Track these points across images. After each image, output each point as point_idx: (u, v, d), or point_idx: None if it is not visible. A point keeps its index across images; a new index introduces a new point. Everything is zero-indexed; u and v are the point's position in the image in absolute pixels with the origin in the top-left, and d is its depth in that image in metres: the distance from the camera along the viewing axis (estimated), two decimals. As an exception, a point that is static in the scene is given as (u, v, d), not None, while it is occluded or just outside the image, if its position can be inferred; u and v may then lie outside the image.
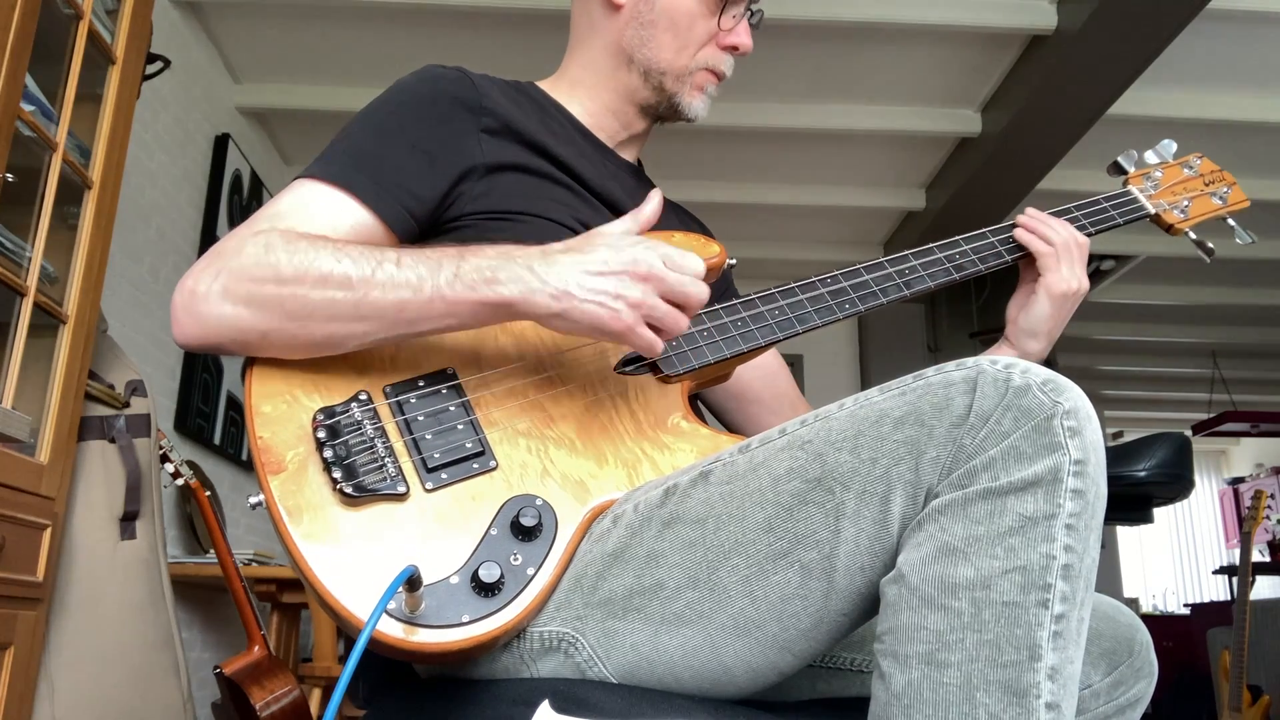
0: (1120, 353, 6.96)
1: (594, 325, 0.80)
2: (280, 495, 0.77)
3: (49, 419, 1.59)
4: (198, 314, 0.82)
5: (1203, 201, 1.23)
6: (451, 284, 0.80)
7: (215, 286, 0.82)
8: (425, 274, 0.81)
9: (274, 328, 0.82)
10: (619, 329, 0.80)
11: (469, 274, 0.80)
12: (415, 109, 0.96)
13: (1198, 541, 9.22)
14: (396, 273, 0.81)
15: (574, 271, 0.80)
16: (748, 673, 0.76)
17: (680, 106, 1.11)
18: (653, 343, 0.81)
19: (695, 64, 1.10)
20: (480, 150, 0.97)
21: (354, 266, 0.81)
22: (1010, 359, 0.69)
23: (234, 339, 0.83)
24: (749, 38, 1.12)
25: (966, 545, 0.65)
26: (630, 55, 1.10)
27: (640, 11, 1.09)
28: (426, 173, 0.94)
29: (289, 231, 0.85)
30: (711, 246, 1.03)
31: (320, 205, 0.89)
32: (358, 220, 0.90)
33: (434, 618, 0.72)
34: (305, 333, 0.82)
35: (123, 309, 2.70)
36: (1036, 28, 3.22)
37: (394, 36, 3.35)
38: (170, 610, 1.82)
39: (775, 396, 1.20)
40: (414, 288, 0.80)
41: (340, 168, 0.92)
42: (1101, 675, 0.90)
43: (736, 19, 1.11)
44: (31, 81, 1.59)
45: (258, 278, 0.81)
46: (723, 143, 3.99)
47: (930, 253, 1.07)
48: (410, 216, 0.93)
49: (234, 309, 0.81)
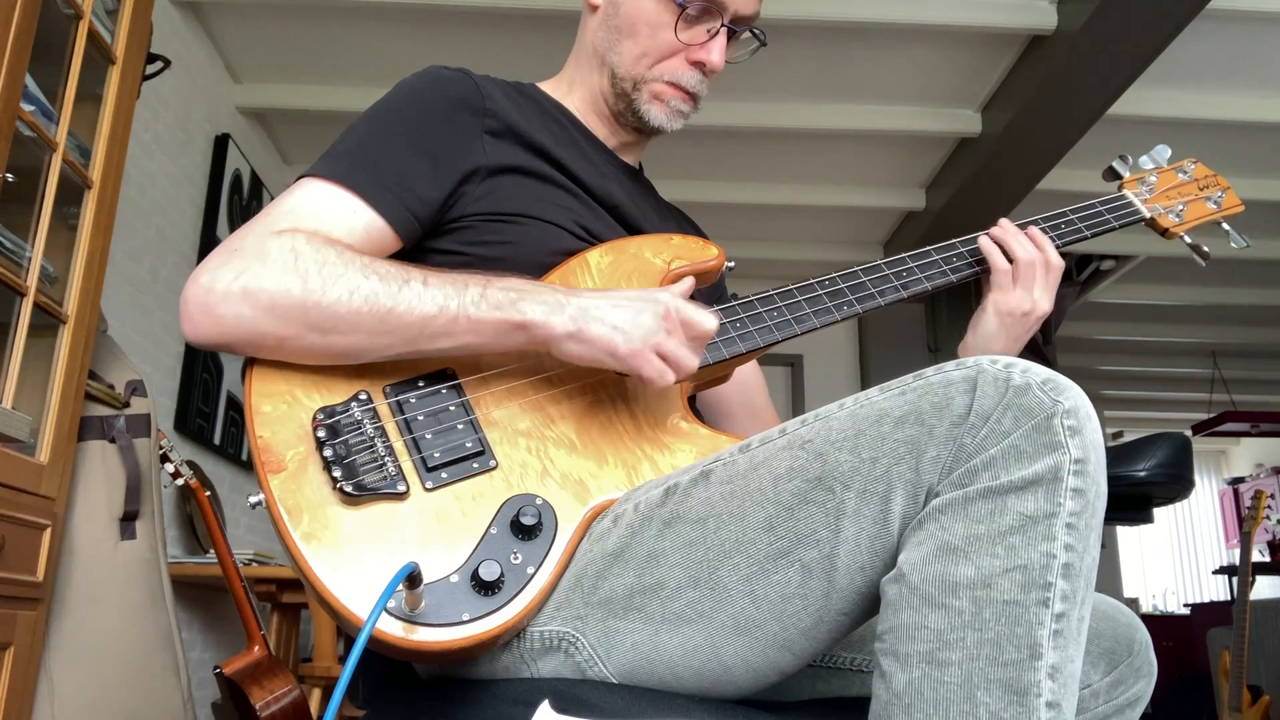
0: (1120, 353, 6.96)
1: (607, 348, 0.82)
2: (280, 494, 0.77)
3: (49, 419, 1.59)
4: (214, 313, 0.81)
5: (1197, 206, 1.24)
6: (477, 304, 0.83)
7: (235, 286, 0.81)
8: (452, 293, 0.83)
9: (293, 335, 0.81)
10: (627, 353, 0.82)
11: (495, 295, 0.83)
12: (419, 111, 0.96)
13: (1198, 541, 9.22)
14: (424, 290, 0.83)
15: (594, 300, 0.84)
16: (748, 672, 0.76)
17: (641, 114, 1.08)
18: (662, 372, 0.83)
19: (654, 74, 1.07)
20: (484, 152, 0.97)
21: (381, 284, 0.82)
22: (1011, 359, 0.69)
23: (250, 341, 0.82)
24: (719, 57, 1.07)
25: (967, 544, 0.65)
26: (601, 57, 1.10)
27: (609, 15, 1.09)
28: (430, 174, 0.94)
29: (315, 235, 0.85)
30: (709, 249, 1.03)
31: (329, 205, 0.89)
32: (368, 222, 0.90)
33: (434, 616, 0.73)
34: (324, 343, 0.82)
35: (123, 309, 2.70)
36: (1036, 28, 3.22)
37: (394, 37, 3.35)
38: (170, 610, 1.82)
39: (750, 414, 1.20)
40: (440, 305, 0.82)
41: (346, 167, 0.91)
42: (1101, 674, 0.90)
43: (712, 33, 1.06)
44: (31, 81, 1.59)
45: (283, 285, 0.81)
46: (723, 143, 3.99)
47: (927, 255, 1.07)
48: (414, 218, 0.93)
49: (253, 312, 0.81)
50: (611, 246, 1.00)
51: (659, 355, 0.83)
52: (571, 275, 0.96)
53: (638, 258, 1.00)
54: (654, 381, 0.84)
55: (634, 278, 0.98)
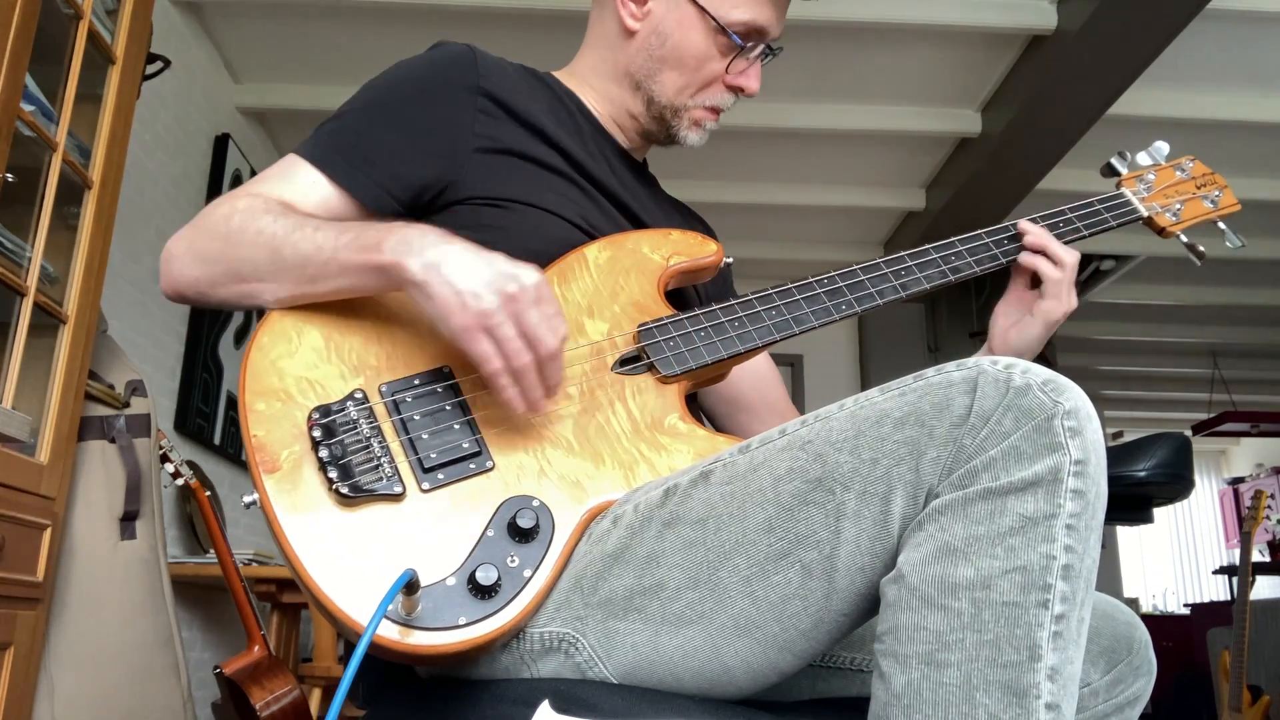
0: (1120, 353, 6.96)
1: (441, 309, 0.79)
2: (275, 494, 0.76)
3: (49, 419, 1.59)
4: (168, 273, 0.91)
5: (1194, 205, 1.23)
6: (349, 246, 0.84)
7: (181, 245, 0.91)
8: (332, 237, 0.85)
9: (220, 279, 0.89)
10: (456, 324, 0.79)
11: (366, 238, 0.84)
12: (406, 87, 0.99)
13: (1198, 541, 9.22)
14: (313, 235, 0.86)
15: (454, 256, 0.80)
16: (748, 673, 0.76)
17: (677, 138, 1.12)
18: (488, 356, 0.79)
19: (696, 101, 1.09)
20: (473, 130, 0.98)
21: (280, 228, 0.87)
22: (1010, 359, 0.69)
23: (197, 292, 0.90)
24: (757, 81, 1.10)
25: (967, 545, 0.65)
26: (637, 82, 1.10)
27: (651, 44, 1.08)
28: (409, 151, 0.96)
29: (260, 195, 0.92)
30: (708, 245, 1.03)
31: (296, 178, 0.95)
32: (325, 195, 0.95)
33: (430, 620, 0.72)
34: (240, 290, 0.89)
35: (123, 309, 2.70)
36: (1036, 28, 3.22)
37: (395, 37, 3.35)
38: (170, 610, 1.82)
39: (765, 405, 1.20)
40: (317, 246, 0.85)
41: (321, 146, 0.97)
42: (1100, 673, 0.90)
43: (750, 62, 1.09)
44: (31, 81, 1.59)
45: (210, 235, 0.89)
46: (723, 143, 3.98)
47: (926, 254, 1.07)
48: (387, 194, 0.96)
49: (189, 265, 0.90)
50: (610, 241, 1.00)
51: (489, 337, 0.79)
52: (570, 270, 0.96)
53: (636, 253, 1.00)
54: (480, 365, 0.79)
55: (632, 273, 0.98)
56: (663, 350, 0.92)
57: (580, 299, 0.95)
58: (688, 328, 0.94)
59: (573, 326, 0.93)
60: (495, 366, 0.79)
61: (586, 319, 0.94)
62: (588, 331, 0.93)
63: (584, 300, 0.95)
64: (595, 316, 0.94)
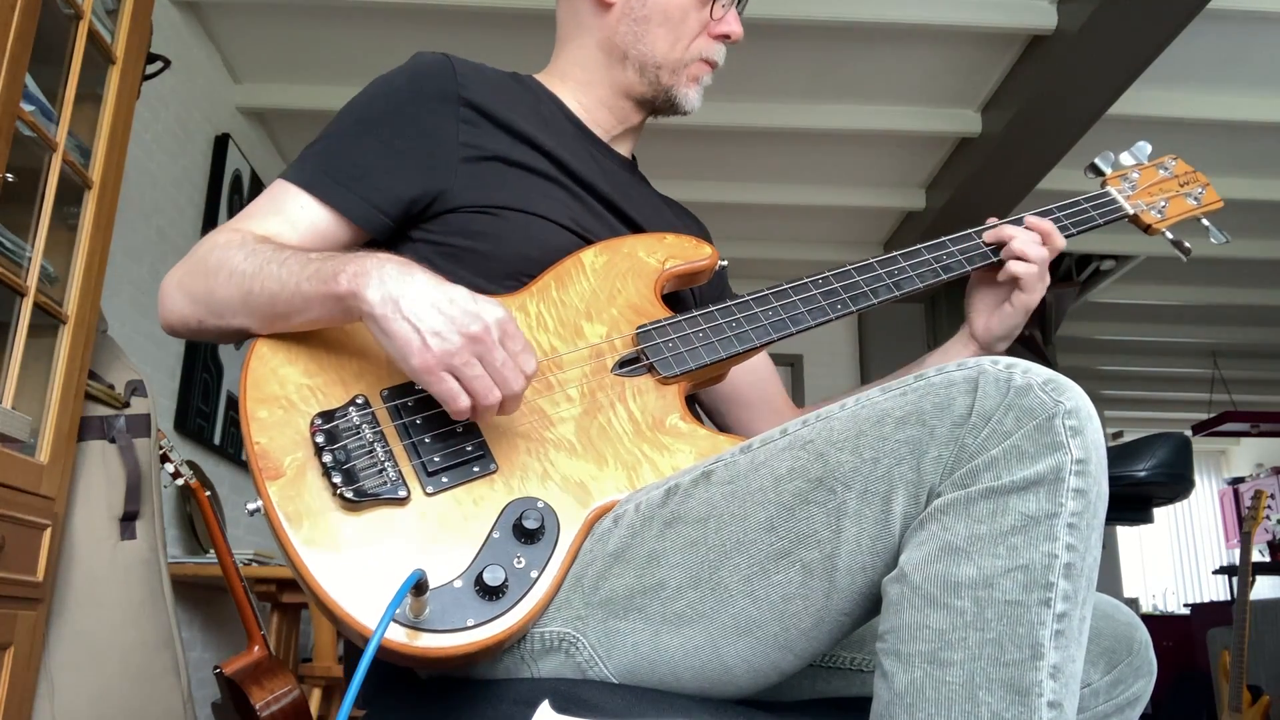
0: (1120, 353, 6.97)
1: (401, 347, 0.77)
2: (279, 501, 0.76)
3: (49, 419, 1.59)
4: (162, 306, 0.93)
5: (1178, 202, 1.25)
6: (311, 278, 0.83)
7: (172, 282, 0.93)
8: (296, 270, 0.84)
9: (207, 318, 0.91)
10: (417, 365, 0.76)
11: (324, 269, 0.82)
12: (386, 102, 0.99)
13: (1198, 541, 9.22)
14: (278, 271, 0.85)
15: (415, 291, 0.77)
16: (749, 672, 0.76)
17: (676, 99, 1.12)
18: (454, 395, 0.76)
19: (689, 55, 1.11)
20: (457, 140, 0.98)
21: (250, 266, 0.87)
22: (1011, 360, 0.69)
23: (187, 328, 0.93)
24: (739, 25, 1.13)
25: (969, 544, 0.65)
26: (624, 51, 1.11)
27: (632, 8, 1.10)
28: (396, 168, 0.96)
29: (239, 231, 0.93)
30: (703, 248, 1.04)
31: (285, 204, 0.95)
32: (315, 218, 0.95)
33: (438, 622, 0.72)
34: (224, 324, 0.90)
35: (123, 309, 2.70)
36: (1036, 28, 3.22)
37: (394, 36, 3.35)
38: (170, 610, 1.82)
39: (763, 401, 1.21)
40: (282, 283, 0.84)
41: (307, 169, 0.97)
42: (1101, 673, 0.90)
43: (725, 7, 1.12)
44: (31, 81, 1.59)
45: (196, 272, 0.91)
46: (722, 143, 3.99)
47: (918, 253, 1.07)
48: (377, 210, 0.96)
49: (182, 301, 0.92)
50: (606, 246, 1.00)
51: (453, 376, 0.76)
52: (567, 275, 0.97)
53: (632, 256, 1.00)
54: (447, 404, 0.77)
55: (629, 277, 0.98)
56: (662, 352, 0.92)
57: (578, 302, 0.95)
58: (686, 329, 0.95)
59: (571, 330, 0.93)
60: (462, 406, 0.77)
61: (585, 322, 0.94)
62: (586, 334, 0.93)
63: (582, 304, 0.95)
64: (594, 320, 0.95)
